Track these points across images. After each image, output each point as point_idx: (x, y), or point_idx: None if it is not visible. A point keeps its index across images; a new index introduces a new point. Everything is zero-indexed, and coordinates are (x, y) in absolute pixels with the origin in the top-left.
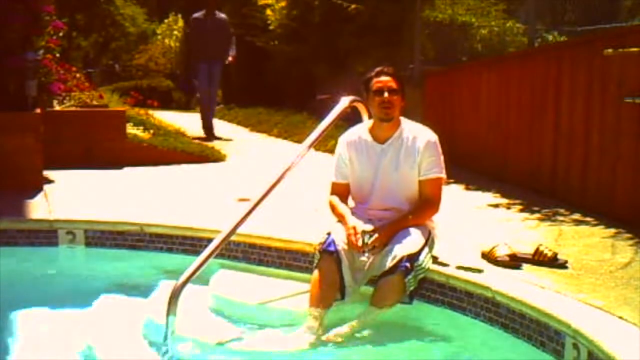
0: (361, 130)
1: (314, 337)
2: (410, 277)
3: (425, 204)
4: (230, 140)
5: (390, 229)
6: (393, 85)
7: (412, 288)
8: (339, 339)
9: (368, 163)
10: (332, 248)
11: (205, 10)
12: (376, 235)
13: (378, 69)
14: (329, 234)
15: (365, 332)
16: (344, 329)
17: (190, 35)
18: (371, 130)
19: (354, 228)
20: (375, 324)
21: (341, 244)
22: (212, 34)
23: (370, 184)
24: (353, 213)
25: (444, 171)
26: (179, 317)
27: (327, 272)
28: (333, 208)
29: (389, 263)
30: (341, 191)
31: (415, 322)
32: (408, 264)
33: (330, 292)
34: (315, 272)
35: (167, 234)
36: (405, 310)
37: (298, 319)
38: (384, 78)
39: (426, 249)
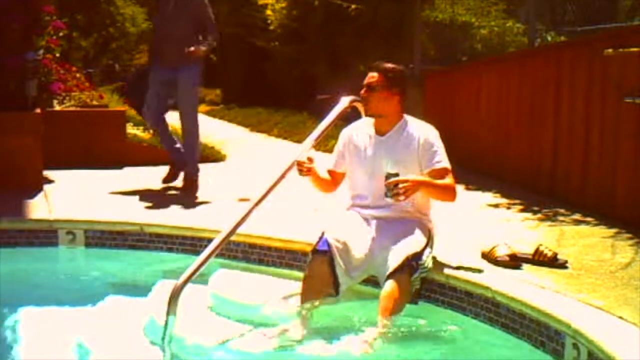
0: (364, 123)
1: (303, 333)
2: (416, 275)
3: (444, 183)
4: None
5: (417, 181)
6: (372, 81)
7: (417, 287)
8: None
9: (367, 155)
10: (324, 247)
11: None
12: (401, 177)
13: (374, 64)
14: (323, 233)
15: (365, 331)
16: (363, 339)
17: (153, 24)
18: (374, 124)
19: (309, 159)
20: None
21: (334, 242)
22: (176, 20)
23: (369, 176)
24: (350, 210)
25: (448, 163)
26: (179, 317)
27: (317, 273)
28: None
29: (394, 263)
30: (335, 177)
31: (415, 322)
32: (414, 263)
33: (319, 291)
34: (306, 271)
35: (167, 234)
36: (404, 310)
37: (298, 318)
38: (369, 74)
39: (428, 248)
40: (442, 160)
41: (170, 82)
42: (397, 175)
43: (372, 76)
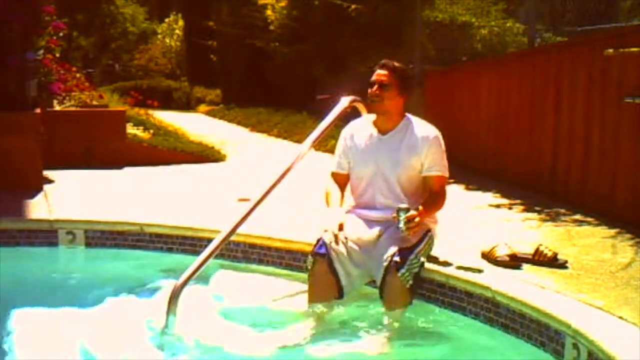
0: (365, 121)
1: (303, 334)
2: (403, 270)
3: (433, 196)
4: None
5: (424, 214)
6: (384, 79)
7: (410, 282)
8: (373, 350)
9: (368, 153)
10: (322, 250)
11: None
12: (412, 211)
13: (382, 61)
14: (319, 240)
15: (365, 332)
16: (376, 341)
17: None
18: (374, 122)
19: (341, 225)
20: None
21: (332, 246)
22: None
23: (370, 176)
24: (350, 212)
25: (446, 171)
26: (179, 317)
27: (320, 274)
28: (327, 197)
29: (385, 264)
30: (339, 180)
31: (415, 322)
32: (398, 258)
33: (327, 291)
34: (310, 275)
35: (167, 234)
36: (404, 310)
37: (298, 318)
38: (380, 71)
39: (421, 245)
40: (440, 168)
41: None
42: (407, 210)
43: (384, 74)
